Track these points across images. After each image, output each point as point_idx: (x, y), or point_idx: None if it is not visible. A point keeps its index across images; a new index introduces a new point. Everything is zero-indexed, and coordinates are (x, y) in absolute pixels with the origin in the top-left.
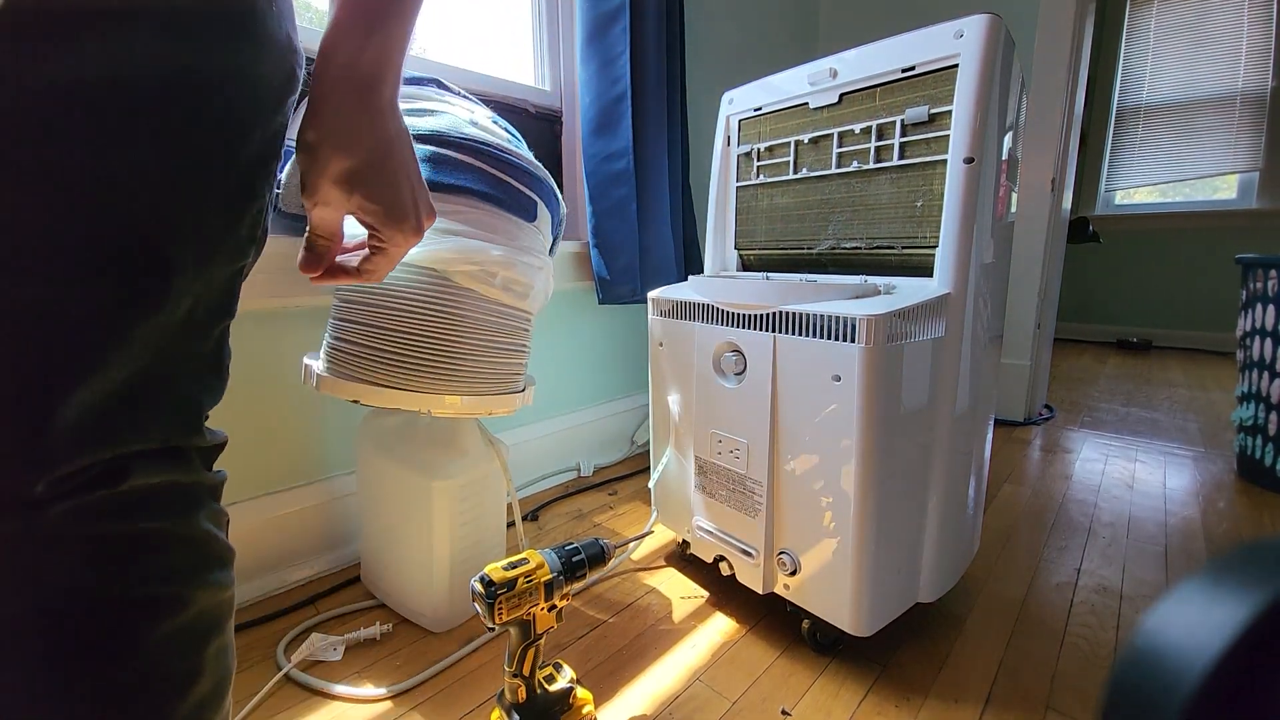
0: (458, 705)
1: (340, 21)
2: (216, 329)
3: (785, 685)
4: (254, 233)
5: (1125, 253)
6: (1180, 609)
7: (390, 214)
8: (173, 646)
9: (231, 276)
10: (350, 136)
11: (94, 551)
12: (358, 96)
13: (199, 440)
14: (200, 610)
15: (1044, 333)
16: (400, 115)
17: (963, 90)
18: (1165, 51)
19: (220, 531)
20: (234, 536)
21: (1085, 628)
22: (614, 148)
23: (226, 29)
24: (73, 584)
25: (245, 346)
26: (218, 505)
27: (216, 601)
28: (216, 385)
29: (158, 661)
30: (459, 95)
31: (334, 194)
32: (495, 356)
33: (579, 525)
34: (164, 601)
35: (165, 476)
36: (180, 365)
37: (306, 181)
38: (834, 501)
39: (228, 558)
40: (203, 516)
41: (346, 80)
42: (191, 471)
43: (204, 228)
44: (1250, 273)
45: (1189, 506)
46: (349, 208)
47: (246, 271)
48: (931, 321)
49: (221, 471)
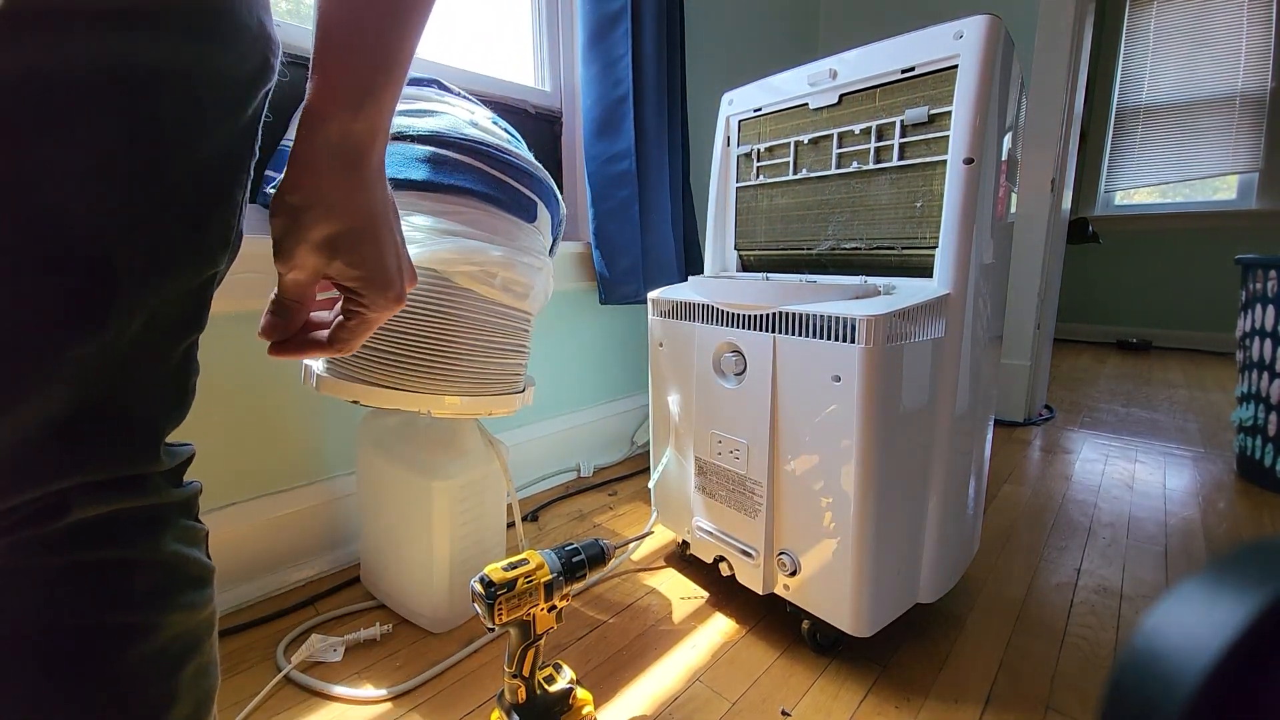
0: (458, 706)
1: (330, 88)
2: (180, 346)
3: (785, 685)
4: (226, 236)
5: (1125, 253)
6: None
7: (374, 280)
8: (144, 673)
9: (200, 287)
10: (337, 204)
11: (46, 584)
12: (347, 165)
13: (154, 466)
14: (173, 635)
15: (1044, 333)
16: (386, 180)
17: (962, 91)
18: (1165, 52)
19: (193, 549)
20: (234, 536)
21: (1085, 628)
22: (616, 149)
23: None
24: (27, 617)
25: (245, 346)
26: (191, 521)
27: (193, 624)
28: (178, 407)
29: (128, 690)
30: (459, 96)
31: (312, 259)
32: (495, 357)
33: (579, 526)
34: (129, 629)
35: (116, 505)
36: (132, 389)
37: (282, 245)
38: (834, 502)
39: (205, 575)
40: (169, 538)
41: (337, 148)
42: (149, 494)
43: (159, 233)
44: (1250, 273)
45: (1189, 507)
46: (328, 272)
47: (220, 279)
48: (931, 322)
49: (193, 484)
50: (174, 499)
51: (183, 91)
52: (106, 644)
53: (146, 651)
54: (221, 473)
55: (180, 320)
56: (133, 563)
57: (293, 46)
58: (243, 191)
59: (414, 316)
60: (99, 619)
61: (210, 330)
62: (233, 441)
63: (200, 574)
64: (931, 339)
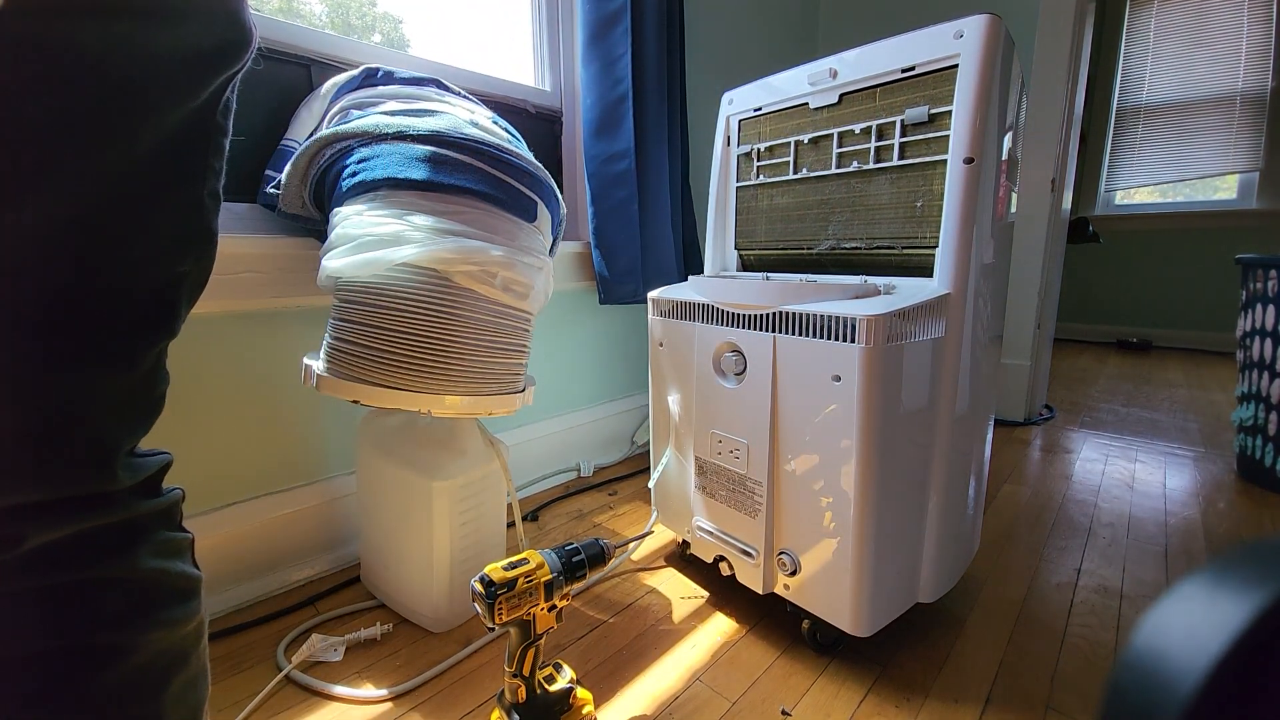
0: (458, 706)
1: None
2: (147, 354)
3: (785, 685)
4: (188, 229)
5: (1125, 253)
6: (1180, 609)
7: None
8: (125, 695)
9: (163, 286)
10: None
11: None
12: None
13: (113, 484)
14: (156, 652)
15: (1044, 333)
16: None
17: (963, 90)
18: (1165, 51)
19: (175, 561)
20: (234, 536)
21: (1085, 628)
22: (616, 148)
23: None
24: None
25: (245, 346)
26: (171, 532)
27: (176, 639)
28: (144, 418)
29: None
30: (459, 95)
31: None
32: (495, 356)
33: (579, 525)
34: (106, 651)
35: (78, 526)
36: (87, 405)
37: None
38: (834, 501)
39: (189, 587)
40: (144, 554)
41: None
42: (116, 511)
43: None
44: (1250, 273)
45: (1189, 506)
46: None
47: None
48: (931, 321)
49: (173, 491)
50: (147, 511)
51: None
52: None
53: (126, 672)
54: (222, 473)
55: (143, 323)
56: (105, 582)
57: (293, 46)
58: (203, 184)
59: (414, 316)
60: (72, 643)
61: (210, 330)
62: (233, 441)
63: (184, 586)
64: (931, 339)
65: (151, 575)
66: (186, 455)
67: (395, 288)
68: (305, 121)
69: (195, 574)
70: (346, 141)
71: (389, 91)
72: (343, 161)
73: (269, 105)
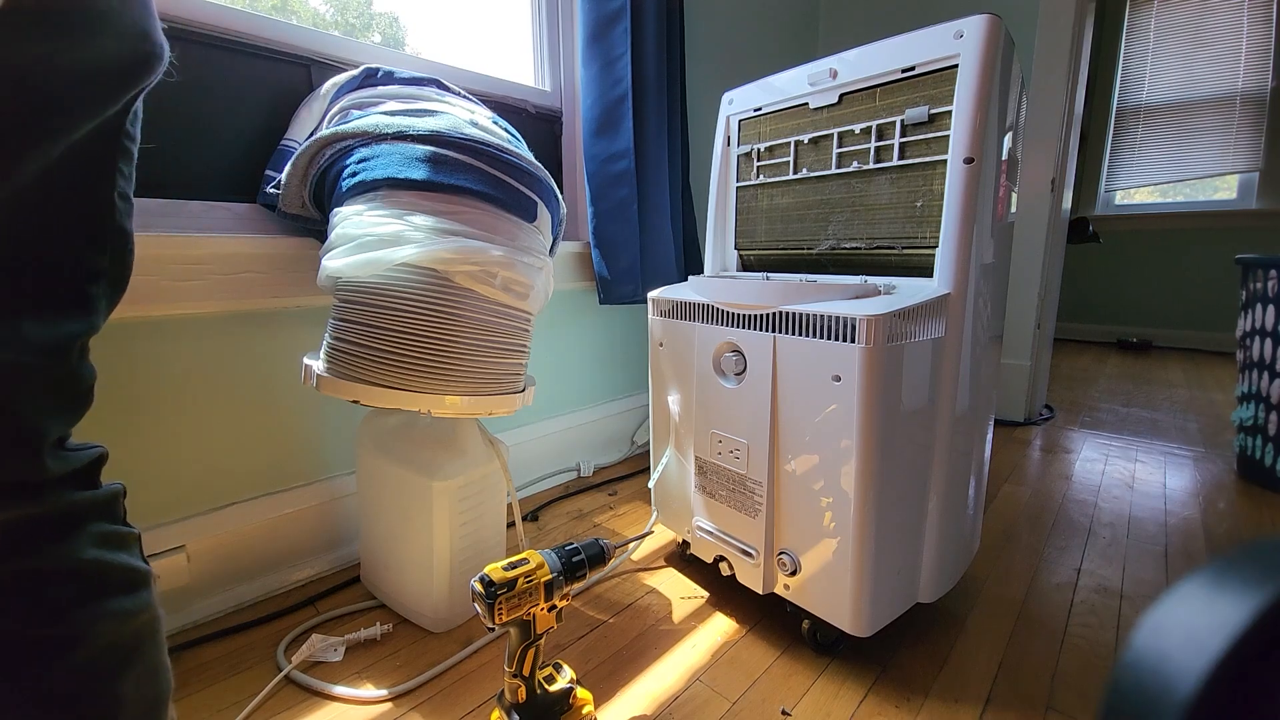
0: (458, 706)
1: None
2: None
3: (785, 685)
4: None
5: (1125, 253)
6: (1180, 609)
7: None
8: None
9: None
10: None
11: None
12: None
13: (41, 473)
14: (105, 645)
15: (1044, 333)
16: None
17: (963, 90)
18: (1165, 51)
19: (120, 554)
20: (234, 536)
21: (1085, 628)
22: (616, 148)
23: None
24: None
25: (245, 346)
26: (113, 525)
27: (127, 632)
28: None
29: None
30: (459, 96)
31: None
32: (495, 357)
33: (579, 525)
34: (53, 641)
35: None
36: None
37: None
38: (834, 501)
39: (137, 579)
40: (83, 544)
41: None
42: (46, 500)
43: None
44: (1250, 273)
45: (1189, 506)
46: None
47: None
48: (931, 322)
49: (112, 485)
50: (82, 502)
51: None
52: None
53: (73, 663)
54: (222, 472)
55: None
56: (43, 572)
57: (292, 46)
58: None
59: (414, 316)
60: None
61: (210, 330)
62: (233, 441)
63: (131, 579)
64: (931, 339)
65: (93, 566)
66: (186, 455)
67: (395, 288)
68: (305, 121)
69: (143, 567)
70: (346, 141)
71: (389, 92)
72: (343, 161)
73: (269, 105)
